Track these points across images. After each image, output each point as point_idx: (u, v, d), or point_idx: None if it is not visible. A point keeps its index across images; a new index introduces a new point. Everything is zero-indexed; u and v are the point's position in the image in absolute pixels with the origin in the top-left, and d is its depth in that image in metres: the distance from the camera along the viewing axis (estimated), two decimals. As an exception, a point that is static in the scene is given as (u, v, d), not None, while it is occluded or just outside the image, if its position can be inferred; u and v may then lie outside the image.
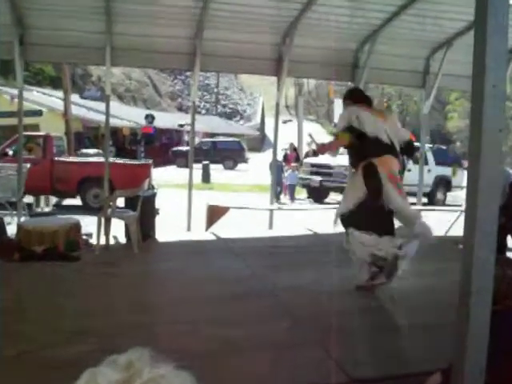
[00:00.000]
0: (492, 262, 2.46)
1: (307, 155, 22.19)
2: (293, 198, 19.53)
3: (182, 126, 41.78)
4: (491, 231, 2.45)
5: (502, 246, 8.29)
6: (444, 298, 4.06)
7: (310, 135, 7.56)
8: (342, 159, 14.08)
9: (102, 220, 7.86)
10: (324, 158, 21.39)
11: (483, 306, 2.44)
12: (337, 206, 7.21)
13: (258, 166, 32.36)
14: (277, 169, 18.53)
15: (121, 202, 9.30)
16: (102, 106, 17.84)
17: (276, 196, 18.76)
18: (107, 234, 8.04)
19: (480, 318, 2.45)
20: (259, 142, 57.06)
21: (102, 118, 12.73)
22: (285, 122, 52.11)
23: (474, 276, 2.45)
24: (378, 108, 6.12)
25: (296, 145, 24.90)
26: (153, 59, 9.98)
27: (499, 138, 2.46)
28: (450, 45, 10.47)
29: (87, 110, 32.35)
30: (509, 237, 8.41)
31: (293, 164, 20.13)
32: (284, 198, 20.16)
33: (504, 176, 9.21)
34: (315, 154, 21.97)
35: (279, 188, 19.09)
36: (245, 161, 38.46)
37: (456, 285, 2.57)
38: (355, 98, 6.29)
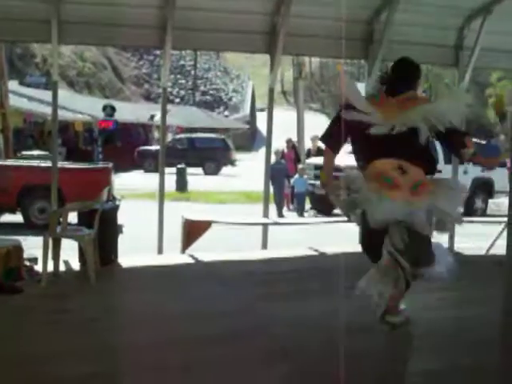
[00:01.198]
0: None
1: (309, 154, 22.06)
2: (302, 210, 19.24)
3: (151, 118, 41.75)
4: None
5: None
6: (480, 333, 4.08)
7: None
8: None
9: (50, 241, 7.84)
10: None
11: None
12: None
13: (248, 170, 32.38)
14: (279, 173, 18.58)
15: (73, 217, 9.25)
16: (47, 94, 17.84)
17: (279, 209, 18.73)
18: (56, 258, 8.02)
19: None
20: (249, 139, 57.29)
21: (49, 110, 12.76)
22: (262, 109, 52.26)
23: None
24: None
25: (296, 141, 24.85)
26: (112, 35, 9.99)
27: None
28: (489, 12, 10.53)
29: (29, 100, 32.37)
30: None
31: (300, 166, 19.70)
32: (287, 210, 20.08)
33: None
34: (319, 152, 21.98)
35: (279, 199, 18.92)
36: (231, 163, 38.47)
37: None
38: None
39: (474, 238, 11.49)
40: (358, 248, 6.52)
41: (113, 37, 10.14)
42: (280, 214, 18.41)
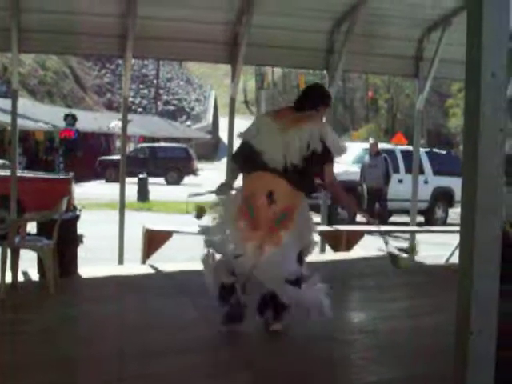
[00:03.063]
0: (496, 296, 2.51)
1: None
2: None
3: (111, 128, 41.58)
4: (493, 256, 2.50)
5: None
6: (439, 342, 4.11)
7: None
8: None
9: (8, 251, 7.76)
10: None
11: (485, 351, 2.49)
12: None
13: (211, 179, 32.31)
14: None
15: (32, 227, 9.17)
16: (7, 103, 17.64)
17: None
18: (15, 269, 7.93)
19: (481, 366, 2.49)
20: (212, 149, 57.27)
21: (9, 118, 12.62)
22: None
23: (474, 313, 2.50)
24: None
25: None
26: (73, 43, 9.97)
27: (500, 138, 2.51)
28: (449, 23, 10.66)
29: (-11, 108, 32.02)
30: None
31: None
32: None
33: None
34: None
35: None
36: (193, 172, 38.42)
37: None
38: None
39: (435, 247, 11.62)
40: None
41: (74, 45, 10.11)
42: None
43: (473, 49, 2.54)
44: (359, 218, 14.64)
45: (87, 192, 24.57)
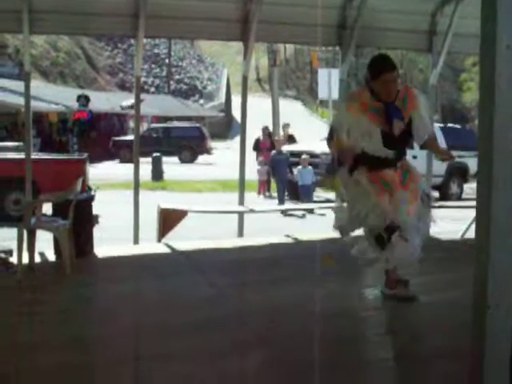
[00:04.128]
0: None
1: (277, 143, 21.71)
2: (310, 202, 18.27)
3: (124, 108, 41.58)
4: (510, 230, 2.49)
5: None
6: (456, 317, 4.11)
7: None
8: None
9: (24, 232, 7.80)
10: (306, 145, 21.25)
11: (502, 325, 2.48)
12: (326, 205, 7.24)
13: (224, 158, 32.36)
14: (280, 163, 18.41)
15: (48, 208, 9.21)
16: (20, 85, 17.66)
17: (280, 199, 18.49)
18: (31, 250, 7.97)
19: (499, 339, 2.49)
20: (225, 127, 57.25)
21: (22, 101, 12.63)
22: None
23: (491, 287, 2.49)
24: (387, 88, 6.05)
25: (271, 128, 24.80)
26: (85, 24, 9.93)
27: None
28: (462, -4, 10.57)
29: (2, 91, 32.09)
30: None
31: (304, 157, 18.86)
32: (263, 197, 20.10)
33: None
34: (291, 139, 21.91)
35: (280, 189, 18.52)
36: (207, 151, 38.44)
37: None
38: (372, 74, 6.26)
39: (450, 222, 11.58)
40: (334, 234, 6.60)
41: (85, 26, 10.07)
42: (281, 203, 18.02)
43: (487, 21, 2.52)
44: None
45: (101, 172, 24.62)
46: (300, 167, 18.26)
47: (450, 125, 23.17)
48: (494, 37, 2.44)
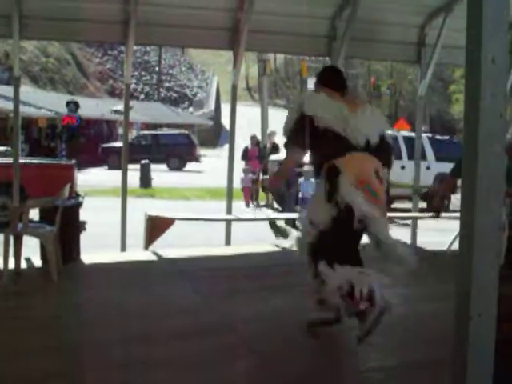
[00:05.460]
0: (495, 281, 2.52)
1: (263, 151, 21.64)
2: None
3: (117, 111, 41.50)
4: (493, 243, 2.50)
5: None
6: (440, 327, 4.13)
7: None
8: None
9: (11, 238, 7.78)
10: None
11: (485, 336, 2.50)
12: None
13: (213, 166, 32.37)
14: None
15: (35, 214, 9.19)
16: (10, 90, 17.65)
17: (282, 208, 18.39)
18: (18, 256, 7.95)
19: (481, 350, 2.51)
20: (214, 135, 57.24)
21: (11, 105, 12.63)
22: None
23: (474, 298, 2.51)
24: (351, 97, 6.01)
25: (260, 137, 24.80)
26: (75, 30, 9.93)
27: (501, 124, 2.52)
28: (450, 9, 10.63)
29: (-9, 96, 32.00)
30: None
31: (306, 169, 18.54)
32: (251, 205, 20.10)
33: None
34: (275, 148, 21.87)
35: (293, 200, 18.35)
36: (196, 159, 38.46)
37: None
38: (323, 80, 6.20)
39: (437, 233, 11.62)
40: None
41: (75, 32, 10.07)
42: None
43: (473, 34, 2.54)
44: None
45: (90, 179, 24.57)
46: (302, 179, 18.16)
47: (437, 136, 23.20)
48: (480, 50, 2.46)
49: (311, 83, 28.38)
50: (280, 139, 22.22)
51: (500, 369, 2.64)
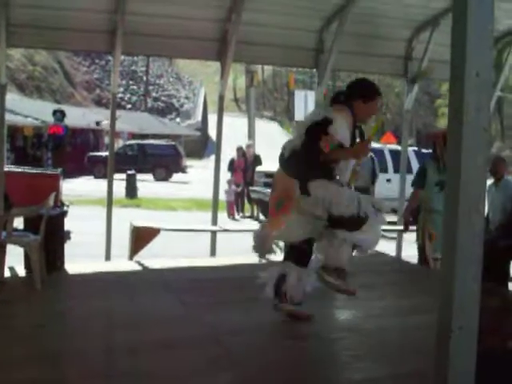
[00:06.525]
0: (476, 295, 2.53)
1: (232, 164, 21.65)
2: None
3: (99, 123, 41.48)
4: (475, 256, 2.52)
5: (502, 274, 8.47)
6: (424, 340, 4.15)
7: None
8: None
9: (-6, 246, 7.75)
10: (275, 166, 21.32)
11: (466, 348, 2.51)
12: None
13: (199, 177, 32.37)
14: None
15: (19, 222, 9.16)
16: (-5, 98, 17.70)
17: None
18: (1, 264, 7.92)
19: (462, 363, 2.52)
20: (201, 146, 57.26)
21: (-4, 114, 12.58)
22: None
23: (456, 311, 2.52)
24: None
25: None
26: (62, 39, 9.92)
27: (484, 138, 2.54)
28: (437, 24, 10.71)
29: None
30: None
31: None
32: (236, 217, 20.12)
33: (507, 187, 9.44)
34: (256, 160, 21.88)
35: None
36: (182, 170, 38.46)
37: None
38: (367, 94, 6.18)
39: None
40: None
41: (62, 41, 10.06)
42: None
43: (457, 48, 2.57)
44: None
45: (75, 188, 24.54)
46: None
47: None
48: (464, 63, 2.48)
49: (298, 95, 28.53)
50: (261, 150, 22.43)
51: (481, 382, 2.65)
